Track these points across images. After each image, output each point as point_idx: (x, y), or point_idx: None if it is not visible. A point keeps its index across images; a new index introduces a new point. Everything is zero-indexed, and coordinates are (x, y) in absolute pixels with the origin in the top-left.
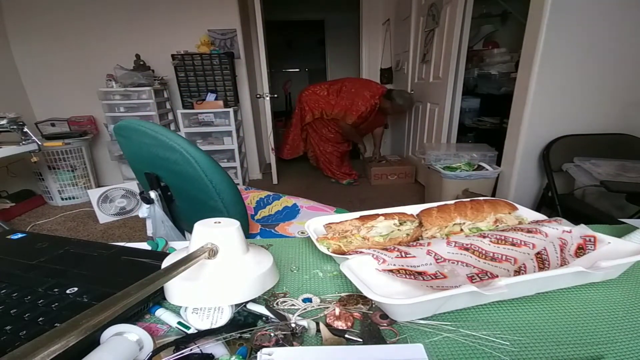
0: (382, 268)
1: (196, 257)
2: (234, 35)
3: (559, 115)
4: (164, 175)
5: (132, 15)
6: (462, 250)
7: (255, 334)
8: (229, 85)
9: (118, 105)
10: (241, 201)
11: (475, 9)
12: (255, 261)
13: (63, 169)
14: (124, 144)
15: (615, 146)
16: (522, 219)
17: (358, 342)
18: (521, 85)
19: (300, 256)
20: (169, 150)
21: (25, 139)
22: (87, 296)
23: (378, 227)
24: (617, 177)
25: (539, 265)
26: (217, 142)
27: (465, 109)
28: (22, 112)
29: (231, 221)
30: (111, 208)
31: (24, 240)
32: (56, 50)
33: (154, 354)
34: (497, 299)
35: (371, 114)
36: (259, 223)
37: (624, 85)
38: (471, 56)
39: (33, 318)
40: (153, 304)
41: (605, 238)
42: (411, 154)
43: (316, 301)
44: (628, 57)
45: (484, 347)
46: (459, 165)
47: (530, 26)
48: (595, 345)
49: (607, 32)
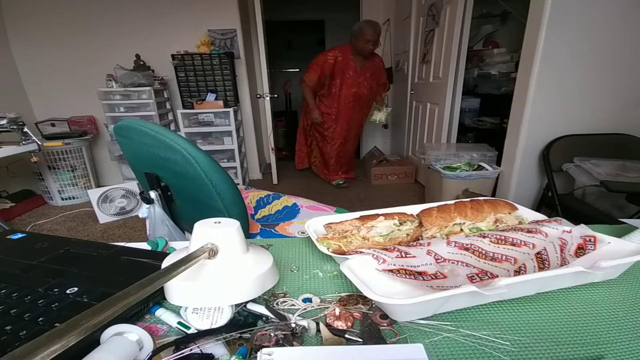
0: (382, 268)
1: (196, 257)
2: (234, 35)
3: (559, 115)
4: (164, 175)
5: (132, 15)
6: (462, 250)
7: (255, 334)
8: (229, 85)
9: (118, 105)
10: (241, 201)
11: (475, 9)
12: (255, 261)
13: (63, 169)
14: (124, 144)
15: (615, 146)
16: (522, 219)
17: (358, 342)
18: (521, 85)
19: (300, 256)
20: (169, 150)
21: (25, 139)
22: (87, 296)
23: (378, 227)
24: (617, 177)
25: (539, 265)
26: (217, 142)
27: (465, 109)
28: (22, 112)
29: (231, 221)
30: (111, 208)
31: (24, 240)
32: (56, 50)
33: (154, 354)
34: (497, 299)
35: (334, 65)
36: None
37: (623, 85)
38: (471, 56)
39: (33, 318)
40: (153, 304)
41: (605, 238)
42: (411, 154)
43: (316, 301)
44: (628, 57)
45: (484, 347)
46: (459, 165)
47: (530, 26)
48: (595, 345)
49: (607, 32)
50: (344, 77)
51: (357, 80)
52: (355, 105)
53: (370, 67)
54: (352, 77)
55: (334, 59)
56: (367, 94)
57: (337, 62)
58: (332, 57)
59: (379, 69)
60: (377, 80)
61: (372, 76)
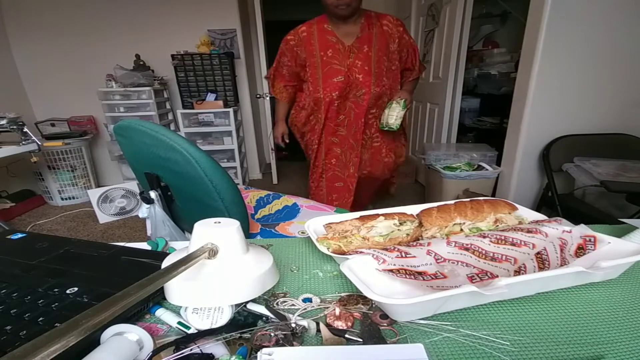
0: (382, 268)
1: (196, 257)
2: (234, 35)
3: (559, 115)
4: (164, 175)
5: (132, 15)
6: (462, 250)
7: (255, 334)
8: (229, 85)
9: (118, 105)
10: (241, 201)
11: (475, 9)
12: (255, 261)
13: (63, 169)
14: (124, 144)
15: (615, 146)
16: (522, 219)
17: (358, 342)
18: (521, 85)
19: (300, 256)
20: (169, 151)
21: (25, 139)
22: (87, 296)
23: (378, 227)
24: (617, 177)
25: (539, 265)
26: (217, 142)
27: (465, 109)
28: (22, 112)
29: (231, 221)
30: (111, 208)
31: (24, 240)
32: (56, 50)
33: (154, 353)
34: (497, 299)
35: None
36: (259, 222)
37: (623, 85)
38: (471, 56)
39: (33, 318)
40: (153, 304)
41: (605, 238)
42: (411, 154)
43: (316, 301)
44: (628, 57)
45: (484, 347)
46: (459, 165)
47: (530, 26)
48: (595, 345)
49: (607, 32)
50: (317, 61)
51: (342, 62)
52: (344, 107)
53: (370, 39)
54: (332, 59)
55: (296, 39)
56: (368, 84)
57: (302, 40)
58: (293, 37)
59: (392, 39)
60: (391, 57)
61: (381, 52)
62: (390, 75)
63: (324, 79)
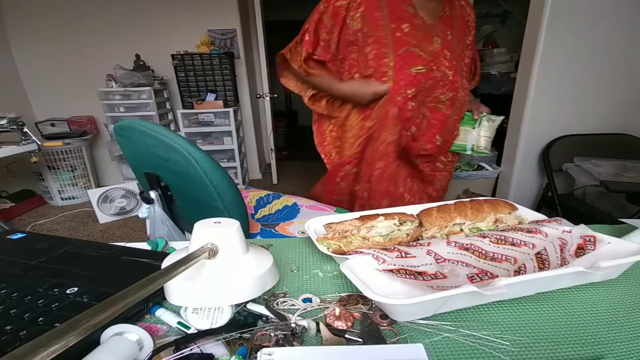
0: (382, 268)
1: (196, 257)
2: (234, 35)
3: (559, 115)
4: (165, 175)
5: (132, 15)
6: (462, 250)
7: (255, 334)
8: (229, 85)
9: (118, 105)
10: (242, 201)
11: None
12: (255, 261)
13: (63, 169)
14: (124, 144)
15: (615, 146)
16: (522, 219)
17: (358, 342)
18: (521, 85)
19: (300, 256)
20: (169, 151)
21: (25, 139)
22: (87, 296)
23: (378, 227)
24: (617, 177)
25: (539, 265)
26: (217, 142)
27: None
28: (22, 112)
29: (231, 221)
30: (111, 208)
31: (24, 240)
32: (56, 50)
33: (154, 354)
34: (497, 299)
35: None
36: (259, 222)
37: (623, 85)
38: None
39: (33, 318)
40: (153, 304)
41: (605, 238)
42: None
43: (316, 301)
44: (628, 57)
45: (484, 347)
46: (459, 165)
47: (530, 26)
48: (595, 345)
49: (607, 32)
50: (386, 37)
51: (424, 47)
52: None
53: (450, 23)
54: (411, 37)
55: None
56: (456, 85)
57: (362, 3)
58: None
59: (469, 29)
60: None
61: (461, 44)
62: (465, 77)
63: (396, 66)
